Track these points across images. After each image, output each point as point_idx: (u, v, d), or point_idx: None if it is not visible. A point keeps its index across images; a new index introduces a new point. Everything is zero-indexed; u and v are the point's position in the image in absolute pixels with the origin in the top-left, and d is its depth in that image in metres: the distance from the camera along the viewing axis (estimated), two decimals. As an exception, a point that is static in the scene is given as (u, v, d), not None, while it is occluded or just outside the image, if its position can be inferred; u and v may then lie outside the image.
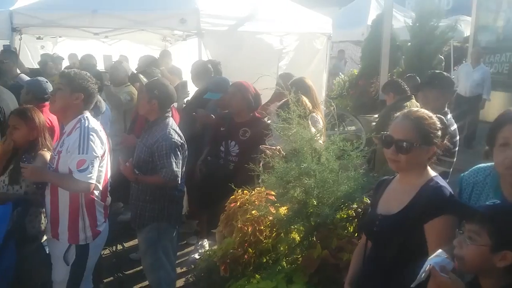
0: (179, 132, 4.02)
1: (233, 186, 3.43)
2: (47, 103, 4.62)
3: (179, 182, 3.92)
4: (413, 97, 6.02)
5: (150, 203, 3.97)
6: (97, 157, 3.19)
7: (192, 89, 6.24)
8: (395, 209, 2.22)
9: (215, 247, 4.94)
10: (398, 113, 2.30)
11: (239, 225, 3.17)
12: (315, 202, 3.07)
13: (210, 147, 4.86)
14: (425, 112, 2.25)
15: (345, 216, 3.23)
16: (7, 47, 7.20)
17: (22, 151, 3.56)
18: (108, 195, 3.53)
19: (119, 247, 4.92)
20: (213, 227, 4.82)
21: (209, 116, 5.06)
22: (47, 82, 4.81)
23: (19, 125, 3.56)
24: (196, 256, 5.08)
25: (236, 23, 7.17)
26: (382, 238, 2.26)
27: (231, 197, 3.51)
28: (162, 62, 7.28)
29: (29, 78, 5.52)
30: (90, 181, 3.12)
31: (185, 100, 6.30)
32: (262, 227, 3.17)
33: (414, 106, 5.87)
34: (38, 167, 3.34)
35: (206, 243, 5.23)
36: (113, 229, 3.76)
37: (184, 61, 7.71)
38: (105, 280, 4.52)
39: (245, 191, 3.46)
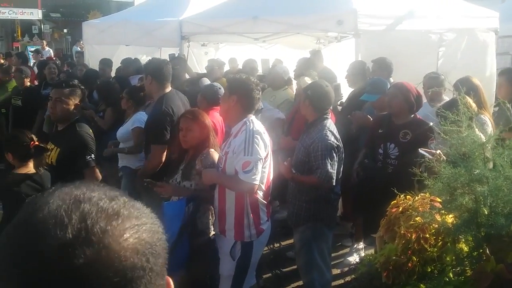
0: (336, 133, 4.04)
1: (395, 191, 3.33)
2: (217, 107, 4.96)
3: (334, 183, 3.93)
4: None
5: (307, 203, 4.05)
6: (261, 159, 3.34)
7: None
8: None
9: (372, 251, 4.86)
10: None
11: (402, 232, 3.06)
12: (486, 212, 2.85)
13: (367, 150, 4.78)
14: None
15: (521, 228, 2.95)
16: (172, 56, 7.88)
17: (194, 150, 3.86)
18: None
19: (276, 244, 5.09)
20: (369, 231, 4.74)
21: (366, 118, 4.99)
22: (220, 88, 5.14)
23: (191, 126, 3.82)
24: (351, 258, 5.05)
25: (393, 22, 6.94)
26: None
27: (393, 201, 3.41)
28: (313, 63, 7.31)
29: (209, 83, 5.97)
30: (254, 182, 3.29)
31: (338, 102, 6.30)
32: (427, 235, 3.03)
33: None
34: (209, 170, 3.58)
35: (361, 246, 5.17)
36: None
37: (338, 63, 7.71)
38: (263, 276, 4.71)
39: (407, 196, 3.34)
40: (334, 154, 3.92)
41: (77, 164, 3.91)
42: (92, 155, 3.99)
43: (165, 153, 4.41)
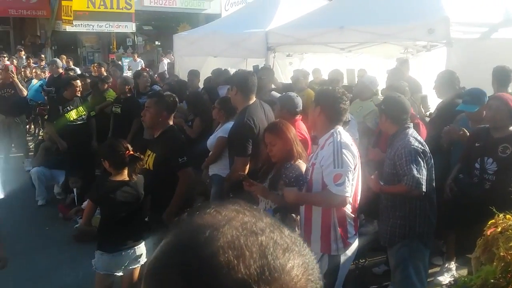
0: (421, 139, 3.91)
1: (494, 210, 3.14)
2: (298, 117, 4.94)
3: (424, 189, 3.76)
4: None
5: (401, 219, 3.92)
6: (351, 170, 3.28)
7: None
8: None
9: (464, 271, 4.62)
10: None
11: (501, 253, 2.88)
12: None
13: (462, 164, 4.55)
14: None
15: None
16: (256, 67, 7.95)
17: (281, 162, 3.86)
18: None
19: (362, 260, 4.95)
20: (462, 250, 4.51)
21: (463, 132, 4.72)
22: (297, 96, 5.13)
23: (274, 140, 3.82)
24: (442, 278, 4.82)
25: (488, 29, 6.59)
26: None
27: (490, 220, 3.21)
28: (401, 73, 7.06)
29: (279, 95, 5.99)
30: (346, 194, 3.23)
31: (427, 113, 6.07)
32: (530, 258, 2.82)
33: None
34: (291, 190, 3.49)
35: (453, 266, 4.91)
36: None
37: (427, 72, 7.42)
38: (349, 291, 4.60)
39: (507, 216, 3.13)
40: (420, 159, 3.77)
41: (171, 166, 4.13)
42: (185, 157, 4.30)
43: (247, 165, 4.47)
